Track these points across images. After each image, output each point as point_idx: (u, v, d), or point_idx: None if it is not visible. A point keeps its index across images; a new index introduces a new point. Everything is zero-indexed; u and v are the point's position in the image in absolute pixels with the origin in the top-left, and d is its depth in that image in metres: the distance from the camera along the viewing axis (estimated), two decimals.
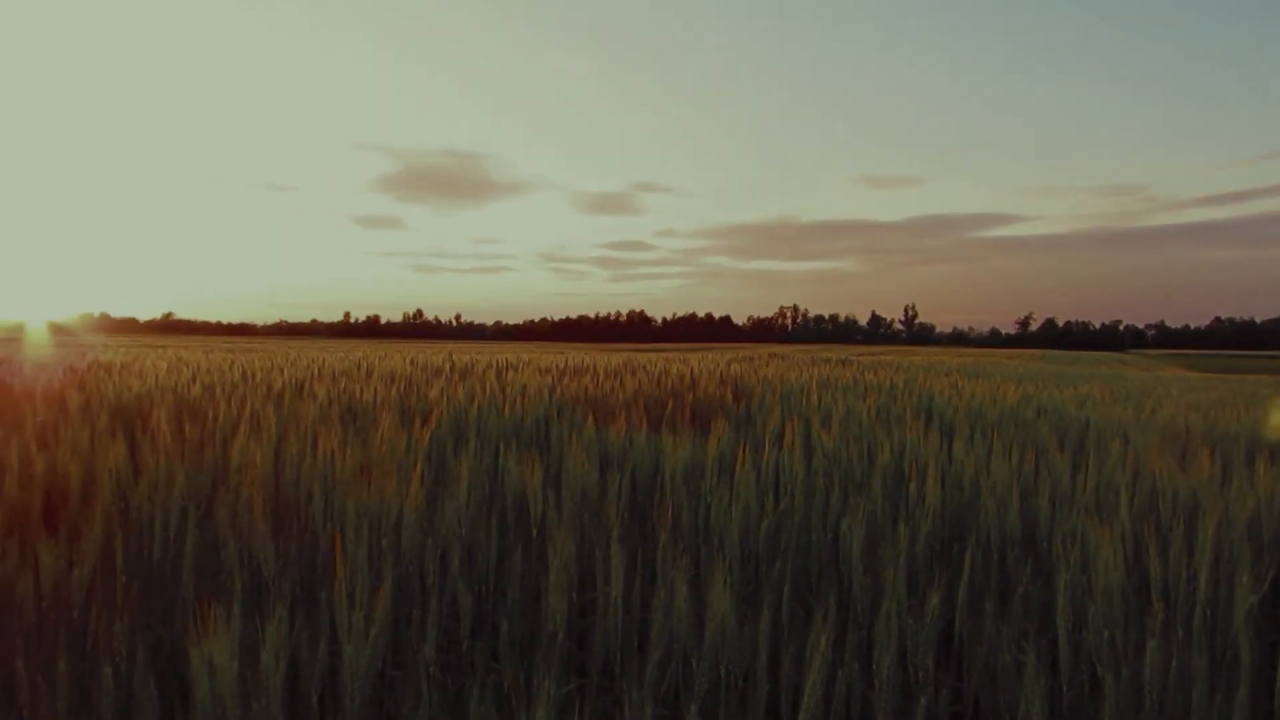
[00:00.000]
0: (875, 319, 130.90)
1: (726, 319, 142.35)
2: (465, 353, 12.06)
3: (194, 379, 4.65)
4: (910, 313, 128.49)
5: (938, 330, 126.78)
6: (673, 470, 2.75)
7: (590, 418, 3.50)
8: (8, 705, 1.49)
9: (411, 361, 7.47)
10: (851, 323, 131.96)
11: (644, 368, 7.39)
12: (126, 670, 1.50)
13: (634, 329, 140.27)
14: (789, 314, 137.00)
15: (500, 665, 1.73)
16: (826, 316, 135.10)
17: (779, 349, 31.16)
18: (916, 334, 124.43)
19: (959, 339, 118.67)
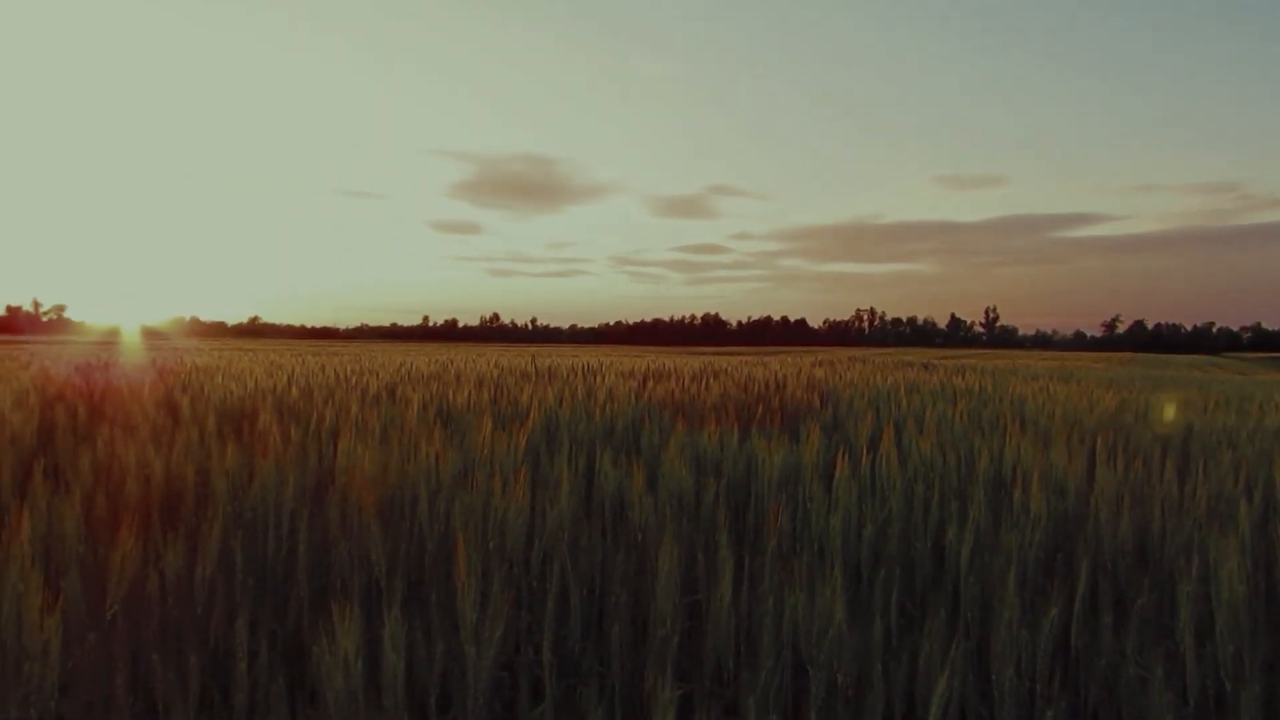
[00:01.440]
0: (955, 321, 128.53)
1: (802, 322, 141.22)
2: (546, 356, 12.16)
3: (290, 383, 4.77)
4: (991, 315, 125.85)
5: (1020, 333, 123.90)
6: (768, 476, 2.74)
7: (680, 422, 3.50)
8: (144, 698, 1.54)
9: (495, 365, 7.56)
10: (930, 325, 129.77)
11: (726, 372, 7.37)
12: (252, 666, 1.55)
13: (709, 332, 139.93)
14: (866, 317, 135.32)
15: (610, 668, 1.73)
16: (904, 319, 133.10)
17: (857, 352, 30.80)
18: (998, 337, 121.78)
19: (1042, 342, 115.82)
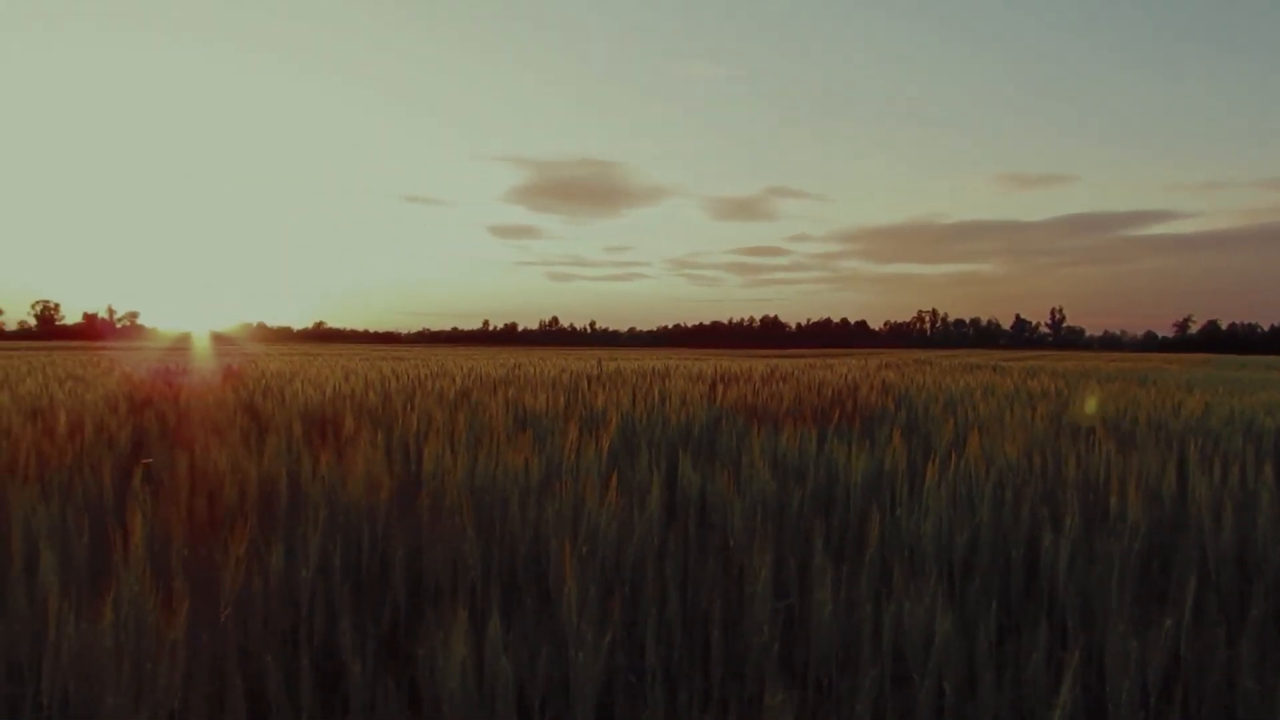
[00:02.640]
0: (1019, 322, 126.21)
1: (862, 324, 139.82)
2: (610, 359, 12.19)
3: (367, 387, 4.85)
4: (1057, 316, 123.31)
5: (1087, 334, 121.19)
6: (852, 481, 2.71)
7: (756, 426, 3.49)
8: (258, 698, 1.57)
9: (562, 368, 7.60)
10: (994, 326, 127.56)
11: (793, 375, 7.32)
12: (358, 667, 1.57)
13: (767, 334, 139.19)
14: (927, 318, 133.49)
15: (710, 674, 1.73)
16: (967, 320, 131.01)
17: (921, 354, 30.39)
18: (1064, 338, 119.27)
19: (1111, 343, 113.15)
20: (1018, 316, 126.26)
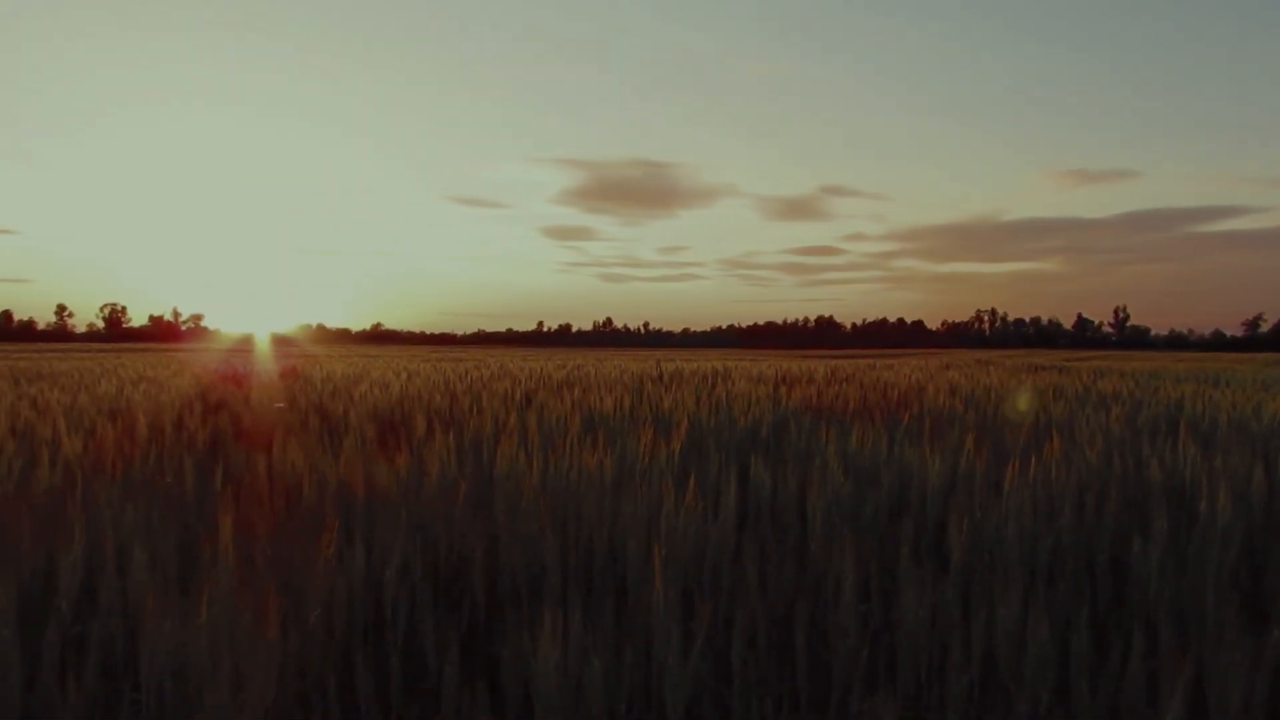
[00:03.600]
0: (1081, 322, 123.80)
1: (919, 324, 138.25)
2: (669, 360, 12.19)
3: (433, 388, 4.89)
4: (1121, 315, 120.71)
5: (1153, 333, 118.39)
6: (930, 484, 2.67)
7: (825, 427, 3.45)
8: (350, 699, 1.59)
9: (622, 369, 7.61)
10: (1055, 326, 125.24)
11: (854, 376, 7.25)
12: (441, 667, 1.58)
13: (822, 335, 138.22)
14: (986, 317, 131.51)
15: (797, 681, 1.71)
16: (1027, 320, 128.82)
17: (981, 354, 29.94)
18: (1128, 338, 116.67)
19: (1177, 342, 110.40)
20: (1079, 316, 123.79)
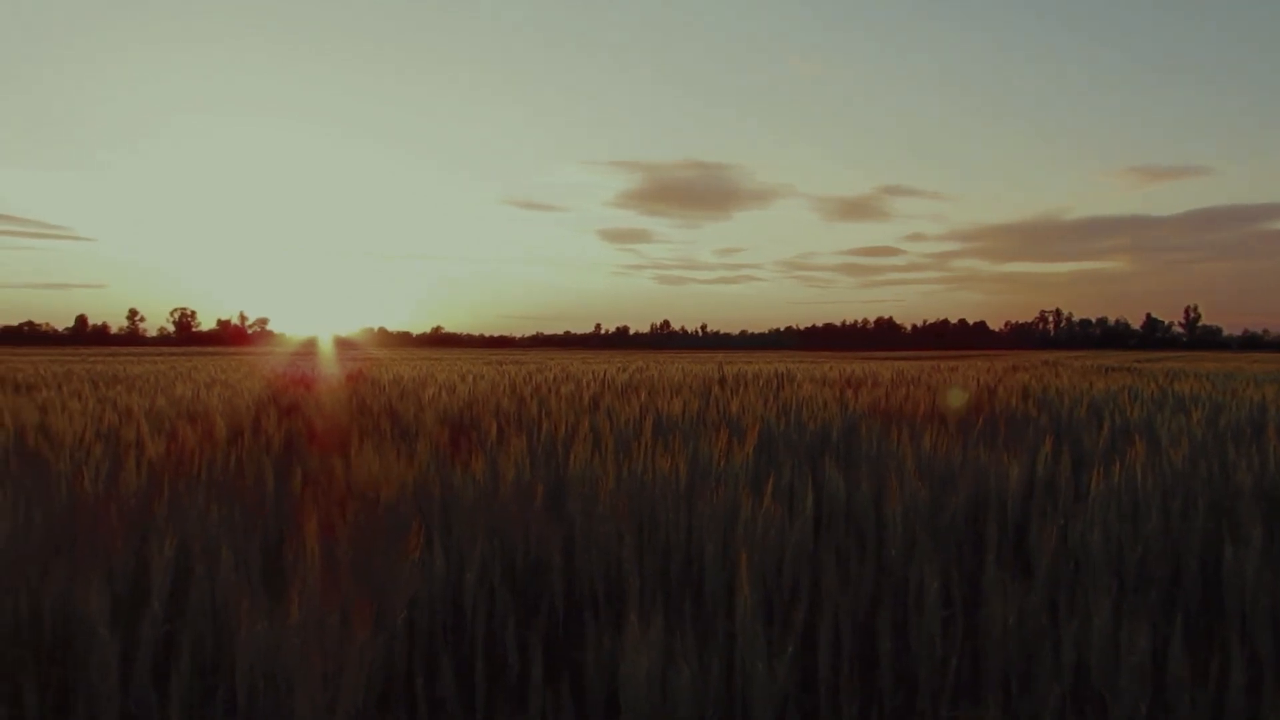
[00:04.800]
0: (1150, 322, 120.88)
1: (981, 325, 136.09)
2: (729, 363, 12.14)
3: (500, 391, 4.92)
4: (1192, 314, 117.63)
5: (1225, 333, 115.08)
6: (1009, 489, 2.62)
7: (896, 431, 3.40)
8: (437, 701, 1.60)
9: (685, 372, 7.60)
10: (1123, 326, 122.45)
11: (921, 378, 7.14)
12: (526, 670, 1.59)
13: (882, 336, 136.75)
14: (1051, 318, 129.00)
15: (881, 689, 1.68)
16: (1094, 320, 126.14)
17: (1047, 355, 29.37)
18: (1199, 338, 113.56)
19: (1251, 343, 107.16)
20: (1148, 316, 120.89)
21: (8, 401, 4.66)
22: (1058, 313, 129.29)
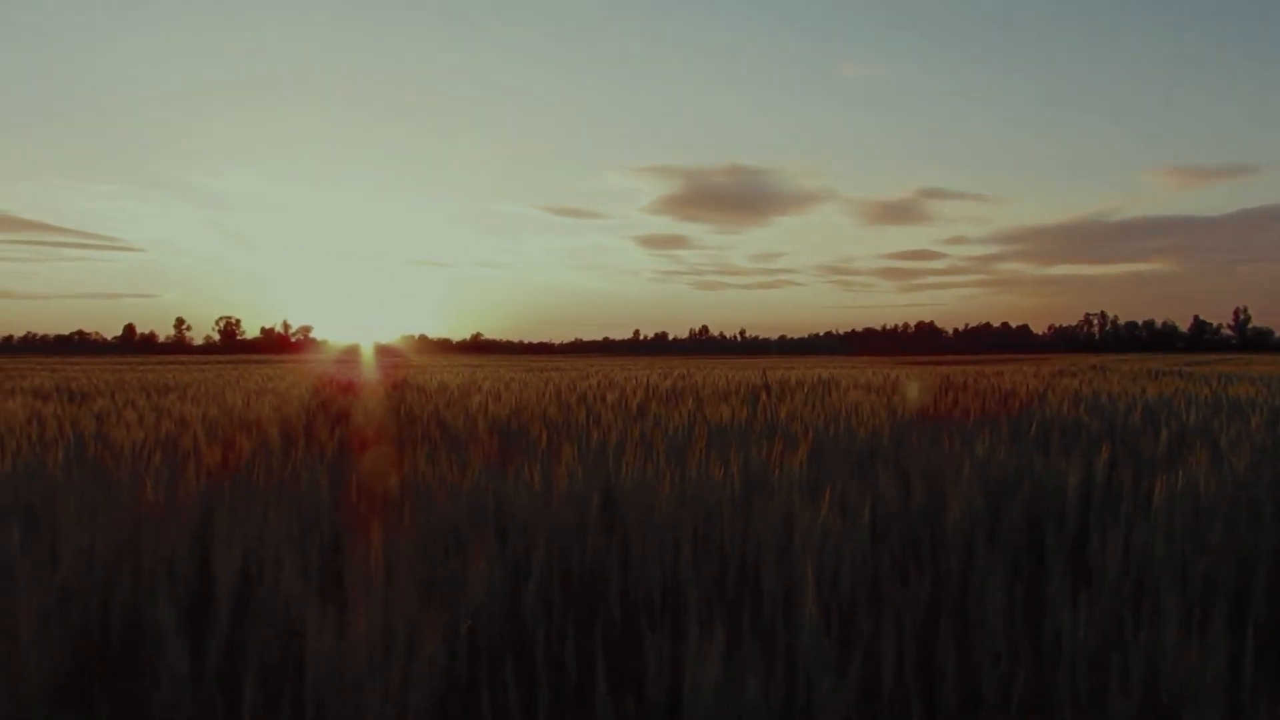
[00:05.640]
0: (1198, 324, 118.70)
1: (1024, 328, 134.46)
2: (772, 369, 12.10)
3: (545, 399, 4.94)
4: (1241, 316, 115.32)
5: (1276, 335, 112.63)
6: (1067, 497, 2.58)
7: (946, 437, 3.37)
8: (502, 713, 1.61)
9: (729, 379, 7.58)
10: (1170, 329, 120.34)
11: (966, 383, 7.06)
12: (591, 681, 1.59)
13: (923, 341, 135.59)
14: (1095, 321, 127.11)
15: (940, 705, 1.66)
16: (1140, 323, 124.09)
17: (1094, 359, 28.94)
18: (1250, 340, 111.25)
19: None
20: (1196, 318, 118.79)
21: (66, 411, 4.76)
22: (1103, 315, 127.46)
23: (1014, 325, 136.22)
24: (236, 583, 1.94)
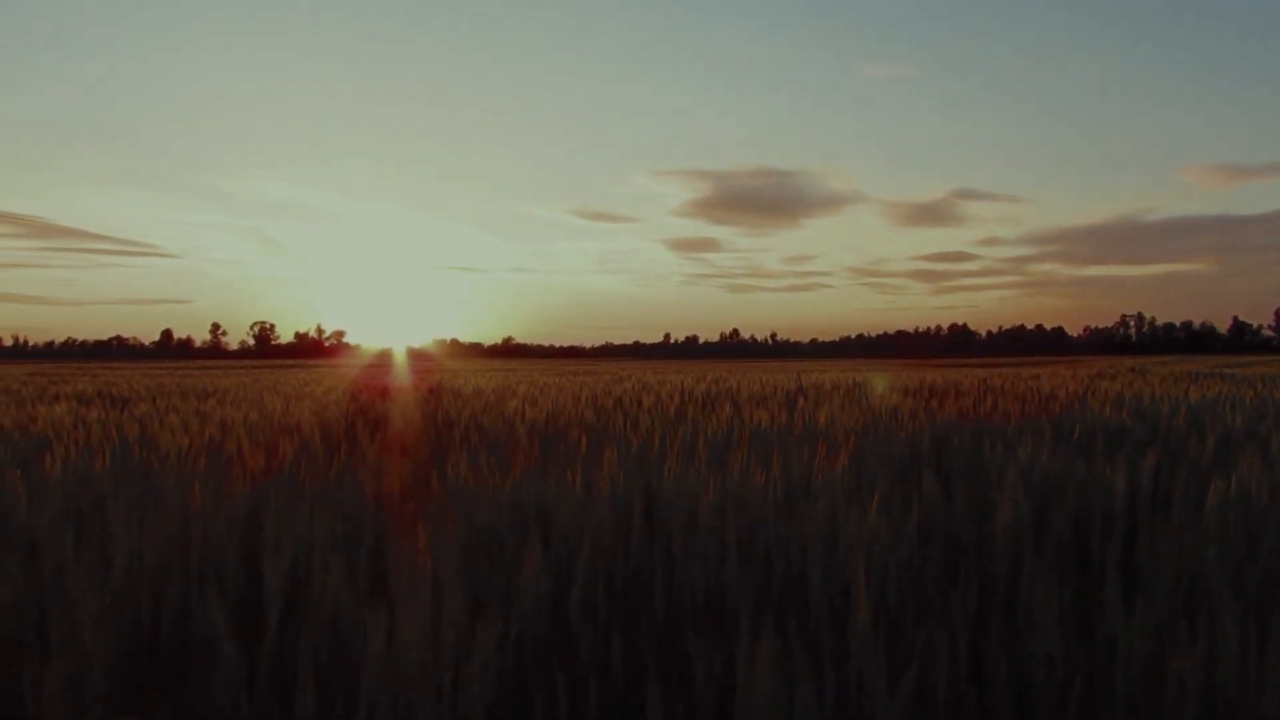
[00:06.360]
0: (1238, 325, 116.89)
1: (1059, 330, 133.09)
2: (806, 372, 12.04)
3: (581, 403, 4.95)
4: None
5: None
6: (1114, 502, 2.55)
7: (987, 441, 3.34)
8: (548, 712, 1.61)
9: (763, 383, 7.56)
10: (1208, 330, 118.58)
11: (1002, 387, 7.00)
12: (642, 687, 1.58)
13: (956, 343, 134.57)
14: (1132, 322, 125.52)
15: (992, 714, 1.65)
16: (1177, 324, 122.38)
17: (1132, 361, 28.56)
18: None
19: None
20: (1235, 319, 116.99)
21: (110, 416, 4.83)
22: (1139, 317, 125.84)
23: (1048, 327, 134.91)
24: (285, 585, 1.96)
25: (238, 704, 1.55)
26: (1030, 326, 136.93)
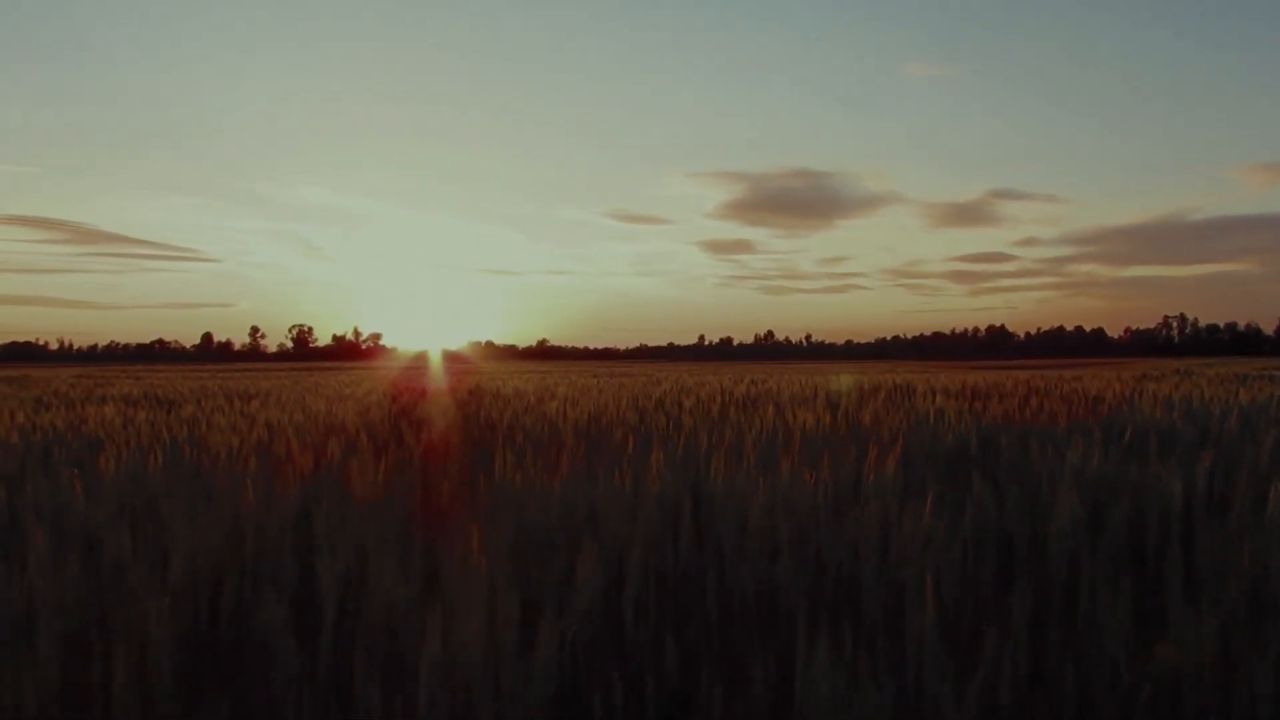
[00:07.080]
0: None
1: (1099, 332, 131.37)
2: (845, 374, 11.97)
3: (622, 405, 4.95)
4: None
5: None
6: (1170, 506, 2.51)
7: (1035, 444, 3.30)
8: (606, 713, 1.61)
9: (802, 384, 7.52)
10: (1254, 331, 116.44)
11: (1046, 389, 6.91)
12: (708, 690, 1.58)
13: (993, 345, 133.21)
14: (1175, 324, 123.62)
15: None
16: (1222, 326, 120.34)
17: (1176, 363, 28.11)
18: None
19: None
20: None
21: (159, 417, 4.90)
22: (1182, 318, 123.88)
23: (1088, 329, 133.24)
24: (339, 584, 1.97)
25: (299, 700, 1.56)
26: (1069, 328, 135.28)
